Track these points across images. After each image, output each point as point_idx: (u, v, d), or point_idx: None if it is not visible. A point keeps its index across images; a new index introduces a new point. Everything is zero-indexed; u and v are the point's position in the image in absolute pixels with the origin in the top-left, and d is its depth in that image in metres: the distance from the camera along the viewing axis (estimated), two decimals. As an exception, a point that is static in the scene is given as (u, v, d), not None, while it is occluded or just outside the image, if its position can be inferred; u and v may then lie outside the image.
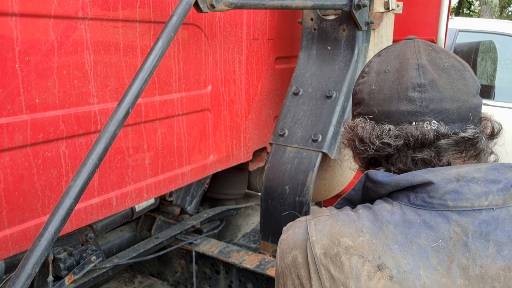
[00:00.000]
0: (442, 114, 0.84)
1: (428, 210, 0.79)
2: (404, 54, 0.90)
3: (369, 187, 0.88)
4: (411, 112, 0.84)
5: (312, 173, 2.02)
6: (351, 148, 0.94)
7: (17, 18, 1.25)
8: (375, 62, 0.94)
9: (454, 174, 0.80)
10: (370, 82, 0.91)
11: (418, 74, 0.86)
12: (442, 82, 0.85)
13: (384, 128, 0.85)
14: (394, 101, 0.86)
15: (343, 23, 2.16)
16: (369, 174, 0.86)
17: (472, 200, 0.78)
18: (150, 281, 2.40)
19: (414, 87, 0.85)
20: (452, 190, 0.79)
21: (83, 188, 1.16)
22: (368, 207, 0.85)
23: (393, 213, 0.80)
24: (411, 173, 0.81)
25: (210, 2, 1.52)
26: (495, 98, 4.28)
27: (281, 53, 2.45)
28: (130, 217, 2.01)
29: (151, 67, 1.32)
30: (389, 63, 0.91)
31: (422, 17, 2.76)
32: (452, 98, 0.85)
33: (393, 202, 0.83)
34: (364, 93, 0.91)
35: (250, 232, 2.62)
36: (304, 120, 2.14)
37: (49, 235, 1.09)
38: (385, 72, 0.90)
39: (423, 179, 0.80)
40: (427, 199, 0.79)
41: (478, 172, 0.81)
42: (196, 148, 2.01)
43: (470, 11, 22.03)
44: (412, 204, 0.81)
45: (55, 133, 1.40)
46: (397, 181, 0.82)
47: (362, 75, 0.95)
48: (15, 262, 1.48)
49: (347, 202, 0.94)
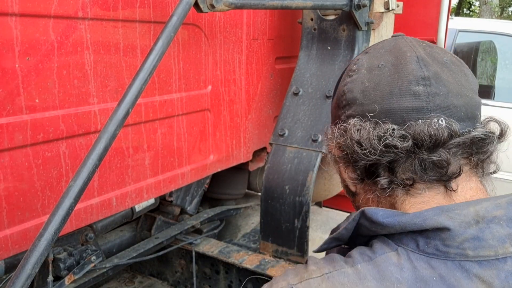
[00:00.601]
0: (451, 111, 0.72)
1: (443, 261, 0.66)
2: (398, 48, 0.80)
3: (364, 226, 0.74)
4: (417, 108, 0.72)
5: (312, 173, 2.02)
6: (342, 158, 0.81)
7: (17, 18, 1.25)
8: (363, 59, 0.83)
9: (473, 215, 0.67)
10: (362, 79, 0.79)
11: (419, 66, 0.75)
12: (446, 76, 0.75)
13: (387, 128, 0.72)
14: (395, 97, 0.74)
15: (343, 23, 2.16)
16: (366, 213, 0.73)
17: (496, 248, 0.66)
18: (150, 281, 2.40)
19: (417, 80, 0.74)
20: (472, 236, 0.66)
21: (83, 188, 1.16)
22: (368, 256, 0.70)
23: (402, 268, 0.67)
24: (420, 214, 0.69)
25: (210, 2, 1.52)
26: (495, 98, 4.28)
27: (281, 53, 2.45)
28: (130, 217, 2.01)
29: (151, 67, 1.32)
30: (381, 58, 0.80)
31: (422, 17, 2.76)
32: (458, 93, 0.74)
33: (398, 249, 0.69)
34: (356, 91, 0.79)
35: (250, 232, 2.62)
36: (304, 120, 2.14)
37: (49, 235, 1.09)
38: (378, 68, 0.78)
39: (436, 223, 0.67)
40: (441, 247, 0.67)
41: (499, 209, 0.69)
42: (196, 148, 2.01)
43: (470, 11, 22.03)
44: (422, 252, 0.68)
45: (55, 133, 1.40)
46: (403, 225, 0.69)
47: (349, 74, 0.83)
48: (15, 262, 1.48)
49: (335, 241, 0.81)
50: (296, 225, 2.04)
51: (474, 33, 4.56)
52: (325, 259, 0.74)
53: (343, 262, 0.71)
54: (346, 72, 0.86)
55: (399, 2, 2.29)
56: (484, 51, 4.63)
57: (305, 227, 2.03)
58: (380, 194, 0.77)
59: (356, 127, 0.76)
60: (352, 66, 0.85)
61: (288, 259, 2.09)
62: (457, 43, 4.48)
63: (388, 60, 0.79)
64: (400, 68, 0.77)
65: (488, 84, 4.60)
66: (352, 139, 0.76)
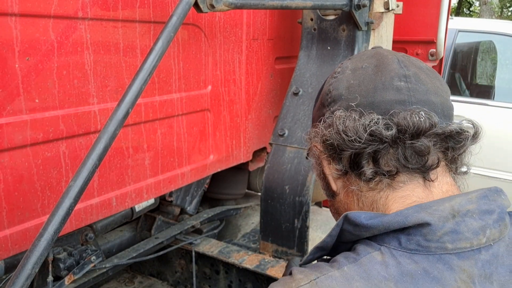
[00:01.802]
0: (429, 106, 0.77)
1: (425, 255, 0.70)
2: (379, 53, 0.86)
3: (347, 231, 0.76)
4: (399, 101, 0.77)
5: (312, 173, 2.02)
6: (326, 151, 0.83)
7: (17, 18, 1.25)
8: (347, 63, 0.89)
9: (449, 210, 0.72)
10: (347, 78, 0.84)
11: (400, 66, 0.81)
12: (423, 77, 0.81)
13: (372, 117, 0.76)
14: (379, 91, 0.79)
15: (343, 23, 2.16)
16: (349, 217, 0.75)
17: (471, 239, 0.70)
18: (150, 281, 2.40)
19: (399, 76, 0.79)
20: (450, 230, 0.70)
21: (83, 188, 1.16)
22: (353, 258, 0.72)
23: (387, 265, 0.69)
24: (401, 213, 0.72)
25: (210, 2, 1.52)
26: (495, 98, 4.28)
27: (281, 53, 2.45)
28: (130, 217, 2.01)
29: (151, 67, 1.32)
30: (364, 61, 0.85)
31: (422, 17, 2.76)
32: (435, 93, 0.80)
33: (380, 248, 0.72)
34: (341, 88, 0.83)
35: (250, 232, 2.62)
36: (304, 120, 2.14)
37: (49, 235, 1.09)
38: (362, 68, 0.84)
39: (417, 219, 0.70)
40: (423, 242, 0.70)
41: (471, 203, 0.73)
42: (196, 148, 2.01)
43: (470, 11, 22.04)
44: (404, 249, 0.71)
45: (55, 133, 1.40)
46: (386, 224, 0.71)
47: (334, 76, 0.88)
48: (15, 262, 1.48)
49: (319, 251, 0.81)
50: (296, 225, 2.04)
51: (474, 33, 4.56)
52: (309, 267, 0.75)
53: (328, 267, 0.72)
54: (330, 75, 0.91)
55: (399, 2, 2.29)
56: (484, 51, 4.63)
57: (305, 227, 2.03)
58: (364, 187, 0.80)
59: (342, 118, 0.79)
60: (336, 69, 0.90)
61: (288, 259, 2.09)
62: (457, 43, 4.48)
63: (371, 62, 0.85)
64: (382, 68, 0.82)
65: (488, 84, 4.61)
66: (338, 128, 0.79)
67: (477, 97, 4.27)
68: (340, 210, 0.89)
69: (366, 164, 0.78)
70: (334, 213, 0.94)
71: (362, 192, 0.81)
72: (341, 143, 0.79)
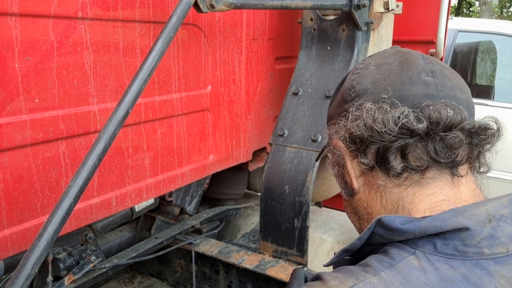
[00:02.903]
0: (456, 101, 0.76)
1: (462, 261, 0.68)
2: (401, 51, 0.85)
3: (378, 234, 0.73)
4: (428, 95, 0.76)
5: (311, 173, 2.02)
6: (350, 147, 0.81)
7: (16, 18, 1.25)
8: (369, 60, 0.87)
9: (485, 214, 0.70)
10: (372, 73, 0.82)
11: (425, 62, 0.80)
12: (448, 73, 0.80)
13: (403, 110, 0.74)
14: (407, 85, 0.77)
15: (342, 23, 2.16)
16: (383, 221, 0.72)
17: (507, 244, 0.69)
18: (149, 281, 2.40)
19: (426, 72, 0.78)
20: (488, 235, 0.69)
21: (83, 188, 1.16)
22: (388, 263, 0.69)
23: (425, 270, 0.67)
24: (438, 217, 0.70)
25: (210, 2, 1.52)
26: (495, 98, 4.28)
27: (281, 53, 2.45)
28: (130, 217, 2.01)
29: (151, 67, 1.32)
30: (387, 58, 0.84)
31: (422, 17, 2.76)
32: (460, 89, 0.79)
33: (415, 252, 0.69)
34: (366, 83, 0.81)
35: (250, 232, 2.62)
36: (303, 120, 2.14)
37: (48, 235, 1.09)
38: (386, 64, 0.82)
39: (456, 224, 0.68)
40: (460, 247, 0.68)
41: (504, 208, 0.72)
42: (196, 148, 2.01)
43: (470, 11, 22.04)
44: (440, 253, 0.68)
45: (54, 133, 1.40)
46: (423, 229, 0.69)
47: (356, 72, 0.86)
48: (15, 262, 1.48)
49: (345, 253, 0.79)
50: (296, 225, 2.04)
51: (473, 33, 4.56)
52: (341, 272, 0.71)
53: (363, 272, 0.69)
54: (351, 72, 0.88)
55: (399, 2, 2.29)
56: (484, 51, 4.63)
57: (304, 227, 2.03)
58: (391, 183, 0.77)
59: (371, 111, 0.77)
60: (358, 65, 0.88)
61: (288, 259, 2.09)
62: (457, 43, 4.48)
63: (394, 58, 0.83)
64: (408, 63, 0.81)
65: (487, 84, 4.60)
66: (367, 121, 0.76)
67: (477, 97, 4.26)
68: (359, 209, 0.86)
69: (394, 158, 0.75)
70: (351, 213, 0.91)
71: (388, 189, 0.79)
72: (369, 136, 0.76)
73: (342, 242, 2.40)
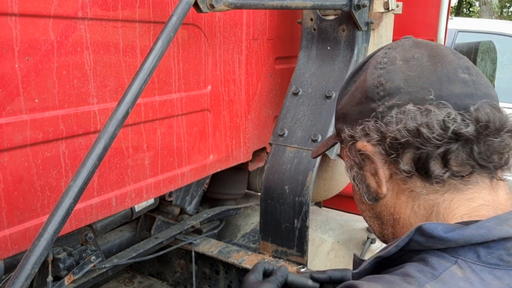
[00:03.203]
0: (492, 100, 0.72)
1: (505, 270, 0.65)
2: (424, 43, 0.79)
3: (416, 241, 0.69)
4: (467, 94, 0.71)
5: (311, 173, 2.02)
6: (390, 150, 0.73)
7: (16, 18, 1.25)
8: (393, 53, 0.79)
9: None
10: (401, 69, 0.75)
11: (457, 58, 0.75)
12: (477, 69, 0.76)
13: (448, 112, 0.68)
14: (445, 83, 0.71)
15: (342, 23, 2.16)
16: (424, 228, 0.68)
17: None
18: (149, 281, 2.40)
19: (462, 68, 0.73)
20: None
21: (83, 188, 1.16)
22: (431, 274, 0.65)
23: (471, 282, 0.63)
24: (483, 226, 0.66)
25: (210, 2, 1.52)
26: (495, 98, 4.27)
27: (281, 53, 2.45)
28: (130, 217, 2.01)
29: (151, 67, 1.32)
30: (411, 51, 0.78)
31: (422, 17, 2.77)
32: (490, 86, 0.75)
33: (457, 261, 0.66)
34: (398, 81, 0.74)
35: (250, 232, 2.62)
36: (303, 120, 2.14)
37: (48, 235, 1.09)
38: (415, 58, 0.76)
39: (502, 233, 0.65)
40: (505, 257, 0.65)
41: None
42: (196, 148, 2.01)
43: (470, 11, 22.04)
44: (484, 263, 0.65)
45: (54, 133, 1.40)
46: (467, 238, 0.65)
47: (380, 67, 0.79)
48: (15, 262, 1.48)
49: (379, 259, 0.74)
50: (296, 225, 2.04)
51: (473, 33, 4.56)
52: (380, 282, 0.67)
53: (406, 284, 0.65)
54: (372, 66, 0.80)
55: (399, 2, 2.29)
56: (484, 51, 4.63)
57: (304, 227, 2.03)
58: (428, 189, 0.73)
59: (412, 113, 0.71)
60: (379, 60, 0.80)
61: (288, 259, 2.09)
62: (457, 43, 4.48)
63: (421, 52, 0.77)
64: (439, 58, 0.75)
65: (487, 84, 4.60)
66: (409, 125, 0.70)
67: (477, 97, 4.25)
68: (383, 214, 0.82)
69: (434, 164, 0.70)
70: (372, 218, 0.86)
71: (422, 195, 0.74)
72: (413, 142, 0.71)
73: (342, 242, 2.40)
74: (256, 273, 1.16)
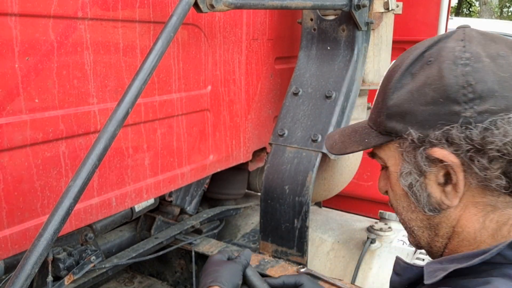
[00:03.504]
0: None
1: None
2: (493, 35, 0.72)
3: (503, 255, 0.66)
4: None
5: (311, 173, 2.02)
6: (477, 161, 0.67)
7: (16, 18, 1.25)
8: (474, 47, 0.70)
9: None
10: (491, 68, 0.67)
11: None
12: None
13: None
14: None
15: (342, 23, 2.16)
16: None
17: None
18: (149, 281, 2.40)
19: None
20: None
21: (83, 188, 1.16)
22: None
23: None
24: None
25: (210, 2, 1.52)
26: (495, 98, 4.28)
27: (281, 53, 2.45)
28: (130, 217, 2.01)
29: (151, 67, 1.32)
30: (491, 47, 0.70)
31: (422, 17, 2.77)
32: None
33: None
34: (490, 82, 0.66)
35: (250, 232, 2.62)
36: (303, 120, 2.14)
37: (48, 235, 1.09)
38: (501, 56, 0.68)
39: None
40: None
41: None
42: (196, 148, 2.01)
43: (470, 11, 22.04)
44: None
45: (54, 133, 1.40)
46: None
47: (463, 63, 0.69)
48: (15, 262, 1.48)
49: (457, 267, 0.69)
50: (296, 225, 2.04)
51: (473, 33, 4.56)
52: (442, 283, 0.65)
53: None
54: (452, 62, 0.71)
55: (399, 2, 2.29)
56: (484, 51, 4.64)
57: (304, 227, 2.03)
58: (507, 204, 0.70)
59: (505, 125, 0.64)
60: (459, 55, 0.70)
61: (288, 259, 2.09)
62: (457, 43, 4.48)
63: (502, 48, 0.70)
64: None
65: (487, 84, 4.61)
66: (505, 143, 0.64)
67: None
68: (441, 226, 0.76)
69: None
70: (423, 228, 0.79)
71: (499, 209, 0.70)
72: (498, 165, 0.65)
73: (342, 242, 2.40)
74: (221, 255, 1.27)
